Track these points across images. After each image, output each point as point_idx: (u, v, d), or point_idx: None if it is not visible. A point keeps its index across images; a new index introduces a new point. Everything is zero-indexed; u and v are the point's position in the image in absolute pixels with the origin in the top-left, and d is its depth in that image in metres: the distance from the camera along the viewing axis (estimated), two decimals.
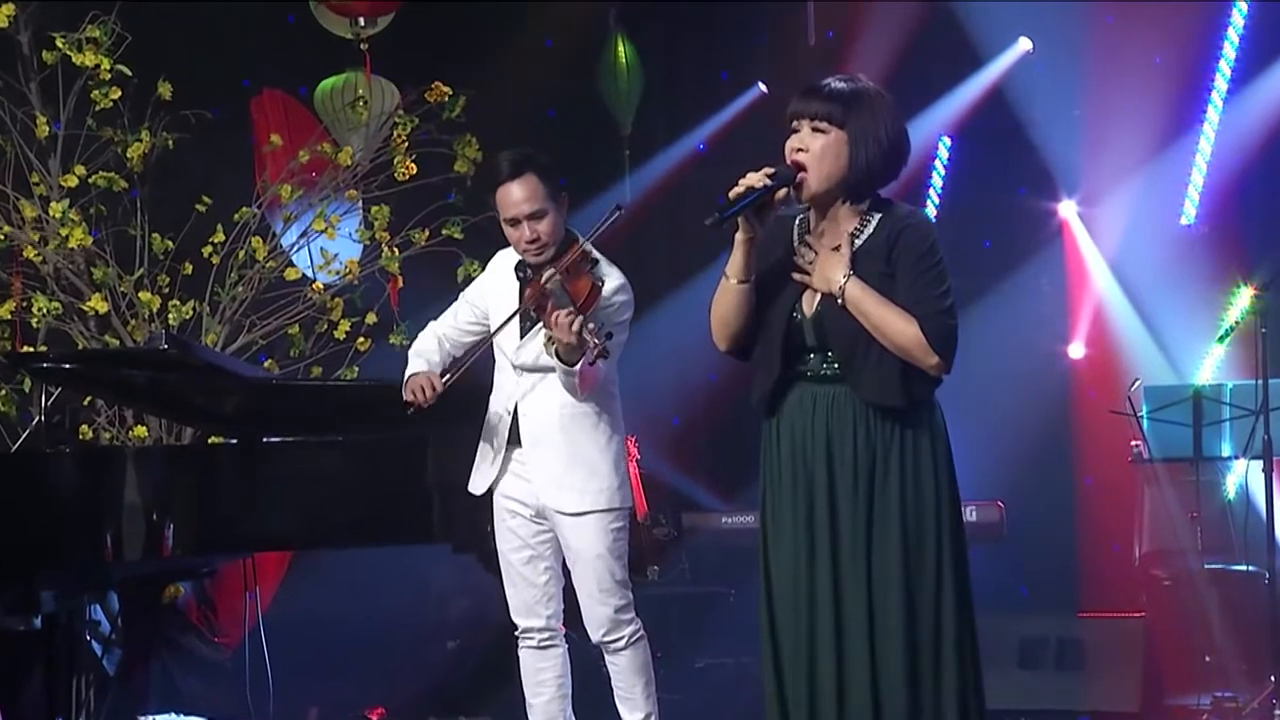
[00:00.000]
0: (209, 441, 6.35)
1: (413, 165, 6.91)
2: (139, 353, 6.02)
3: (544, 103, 9.07)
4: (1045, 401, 8.45)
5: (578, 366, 4.36)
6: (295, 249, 6.99)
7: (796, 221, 3.74)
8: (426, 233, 6.93)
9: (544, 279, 4.44)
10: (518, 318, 4.57)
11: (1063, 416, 8.53)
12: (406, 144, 6.93)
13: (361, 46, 7.59)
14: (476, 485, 4.70)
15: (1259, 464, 6.79)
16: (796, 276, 3.64)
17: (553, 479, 4.55)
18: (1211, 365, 8.10)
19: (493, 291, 4.72)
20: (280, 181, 6.92)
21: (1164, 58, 8.42)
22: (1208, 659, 6.72)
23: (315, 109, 7.74)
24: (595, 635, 4.61)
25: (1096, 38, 8.46)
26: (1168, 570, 7.14)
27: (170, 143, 6.75)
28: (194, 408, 5.98)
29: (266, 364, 6.88)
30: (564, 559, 4.68)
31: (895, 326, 3.58)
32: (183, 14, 7.61)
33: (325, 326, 6.92)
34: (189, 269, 6.81)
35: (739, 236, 3.64)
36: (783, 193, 3.60)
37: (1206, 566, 6.91)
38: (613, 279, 4.57)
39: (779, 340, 3.66)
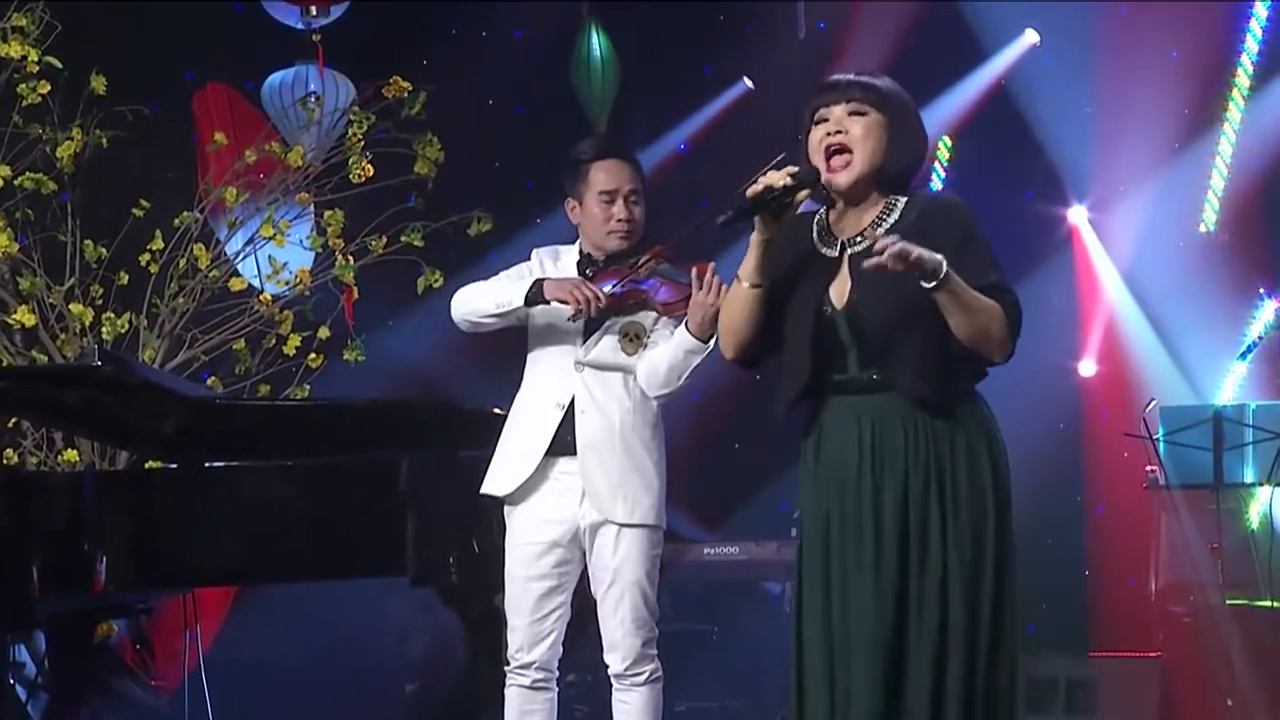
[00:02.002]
0: (146, 466, 6.32)
1: (369, 166, 6.90)
2: (69, 370, 5.98)
3: (512, 98, 9.07)
4: (1053, 422, 8.46)
5: (711, 342, 4.40)
6: (241, 257, 6.97)
7: (816, 218, 3.74)
8: (384, 240, 6.91)
9: (641, 264, 4.52)
10: (584, 317, 4.55)
11: (1072, 439, 8.54)
12: (362, 143, 6.91)
13: (314, 37, 7.58)
14: (502, 484, 4.62)
15: None
16: (870, 264, 3.50)
17: (605, 485, 4.54)
18: (1233, 384, 8.13)
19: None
20: (225, 184, 6.89)
21: (1182, 52, 8.45)
22: (1230, 702, 6.72)
23: (263, 105, 7.72)
24: (617, 666, 4.60)
25: (1109, 30, 8.49)
26: (1186, 606, 7.15)
27: (104, 141, 6.72)
28: (130, 430, 5.95)
29: (209, 382, 6.86)
30: (575, 594, 4.66)
31: (989, 312, 3.55)
32: (118, 2, 7.59)
33: (274, 341, 6.90)
34: (124, 279, 6.78)
35: (755, 237, 3.64)
36: (803, 194, 3.61)
37: (1228, 602, 6.93)
38: None
39: (808, 339, 3.63)
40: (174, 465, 6.06)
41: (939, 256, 3.48)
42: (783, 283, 3.68)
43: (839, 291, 3.64)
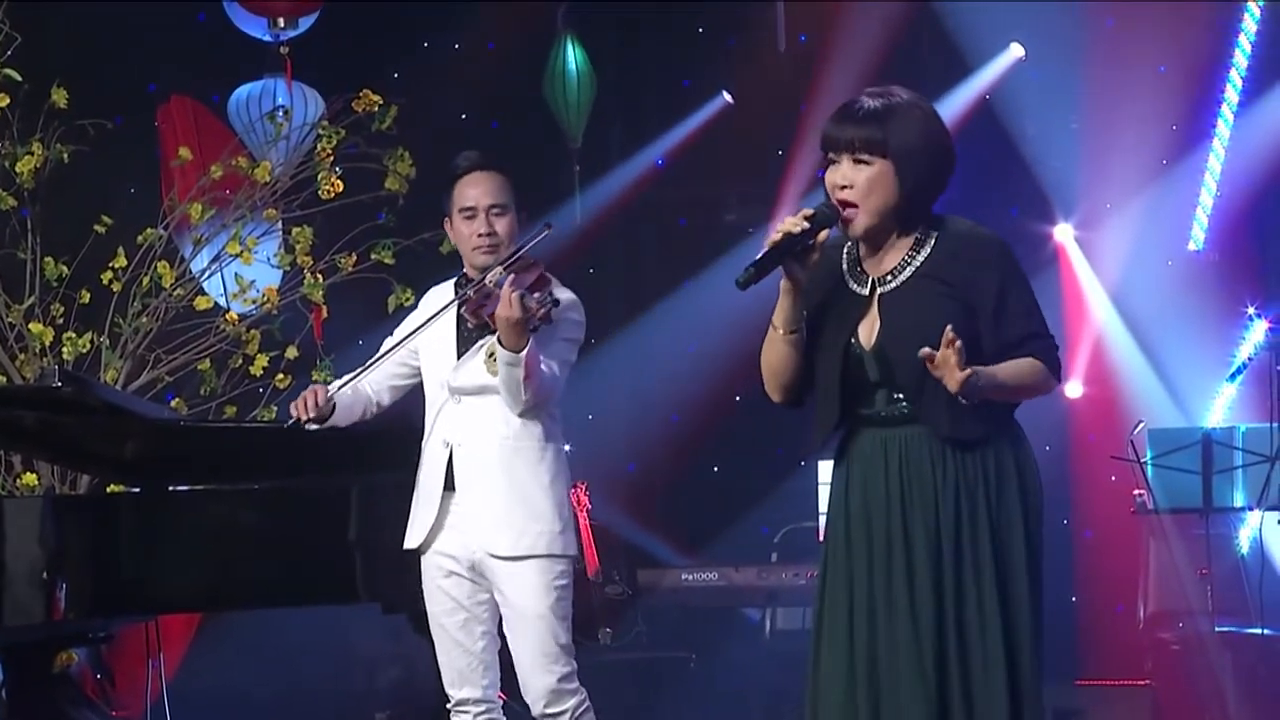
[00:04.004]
0: (108, 490, 6.30)
1: (339, 182, 6.89)
2: (29, 391, 5.96)
3: (485, 113, 9.08)
4: (1039, 446, 8.36)
5: (524, 354, 4.40)
6: (207, 275, 6.95)
7: (845, 250, 3.78)
8: (354, 257, 6.90)
9: (488, 278, 4.54)
10: (454, 340, 4.64)
11: (1059, 462, 8.56)
12: (332, 158, 6.91)
13: (282, 50, 7.57)
14: (412, 538, 4.69)
15: (1275, 515, 6.83)
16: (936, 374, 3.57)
17: (488, 520, 4.56)
18: (1222, 406, 8.15)
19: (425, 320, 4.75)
20: (190, 199, 6.88)
21: (1169, 65, 8.49)
22: None
23: (229, 119, 7.71)
24: (535, 708, 4.60)
25: (1095, 43, 8.53)
26: (1175, 633, 7.17)
27: (65, 156, 6.70)
28: (91, 453, 5.93)
29: (173, 403, 6.83)
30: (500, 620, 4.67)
31: (1027, 381, 3.66)
32: (80, 12, 7.58)
33: (240, 362, 6.88)
34: (86, 297, 6.75)
35: (783, 285, 3.69)
36: (824, 234, 3.65)
37: (1218, 629, 6.94)
38: (568, 296, 4.66)
39: (837, 376, 3.70)
40: (137, 489, 6.04)
41: (971, 379, 3.54)
42: (813, 316, 3.73)
43: (868, 330, 3.70)
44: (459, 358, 4.64)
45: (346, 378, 4.78)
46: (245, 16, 7.67)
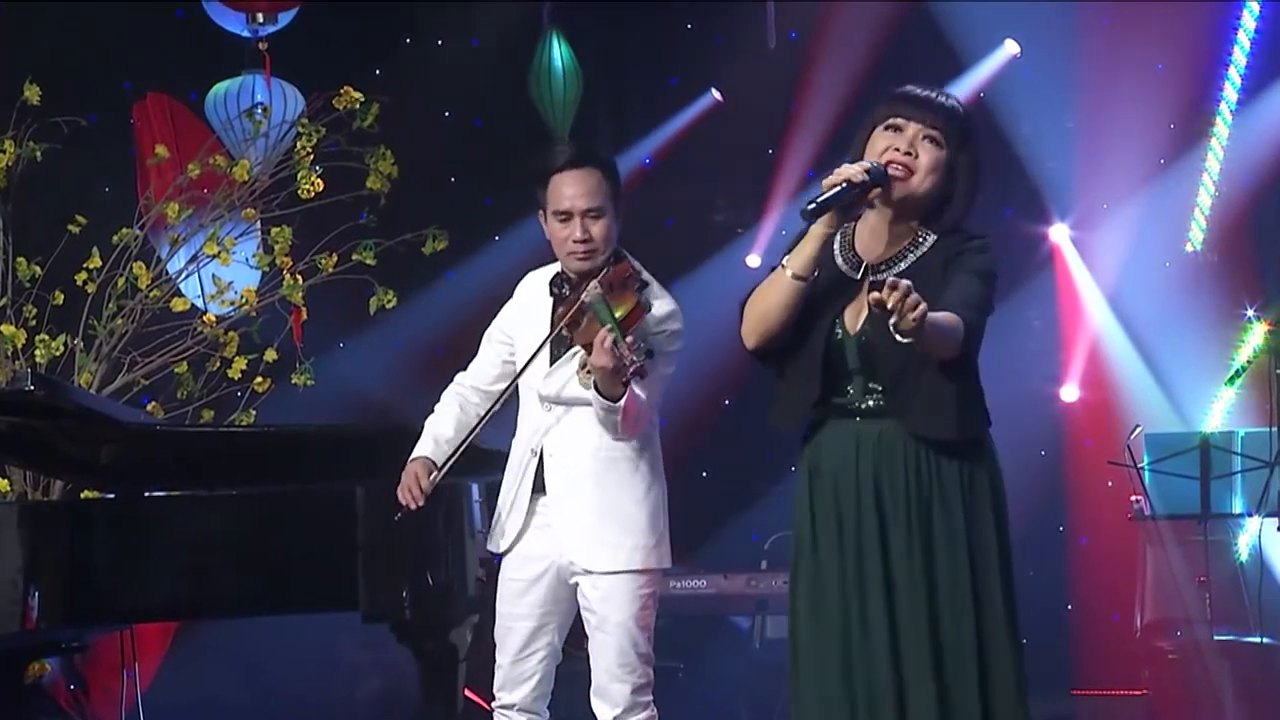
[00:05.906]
0: (82, 496, 6.28)
1: (319, 181, 6.87)
2: (0, 395, 5.94)
3: (469, 110, 9.08)
4: (1034, 451, 8.48)
5: (621, 401, 4.30)
6: (184, 276, 6.94)
7: (839, 232, 3.79)
8: (334, 258, 6.89)
9: (584, 292, 4.38)
10: (548, 345, 4.50)
11: (1055, 468, 8.57)
12: (312, 157, 6.89)
13: (260, 46, 7.56)
14: (499, 542, 4.60)
15: (1274, 522, 6.83)
16: (872, 297, 3.49)
17: (583, 533, 4.49)
18: (1221, 410, 8.16)
19: (521, 316, 4.61)
20: (166, 199, 6.86)
21: (1167, 63, 8.50)
22: None
23: (207, 116, 7.69)
24: (606, 714, 4.53)
25: (1091, 41, 8.54)
26: (1173, 642, 7.17)
27: (38, 154, 6.69)
28: (65, 458, 5.92)
29: (149, 407, 6.82)
30: (568, 633, 4.62)
31: (950, 326, 3.58)
32: (54, 8, 7.56)
33: (218, 364, 6.87)
34: (60, 299, 6.74)
35: (815, 229, 3.68)
36: (876, 191, 3.68)
37: (1216, 638, 6.95)
38: (664, 303, 4.53)
39: (819, 360, 3.71)
40: (111, 495, 6.02)
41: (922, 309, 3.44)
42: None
43: (853, 316, 3.72)
44: (552, 361, 4.50)
45: (448, 463, 4.57)
46: (223, 12, 7.66)
